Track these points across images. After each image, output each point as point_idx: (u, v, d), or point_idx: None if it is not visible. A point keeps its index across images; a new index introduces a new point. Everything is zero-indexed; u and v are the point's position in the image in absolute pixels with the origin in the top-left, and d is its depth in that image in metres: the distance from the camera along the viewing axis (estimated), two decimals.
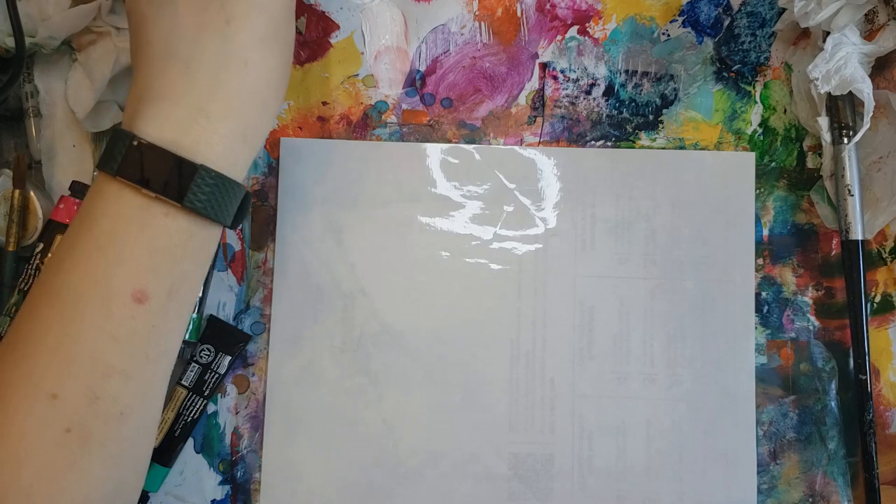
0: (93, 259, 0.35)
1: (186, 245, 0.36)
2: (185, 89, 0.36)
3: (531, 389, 0.46)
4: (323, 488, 0.46)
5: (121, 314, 0.35)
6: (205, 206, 0.35)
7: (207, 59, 0.36)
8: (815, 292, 0.47)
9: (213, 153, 0.36)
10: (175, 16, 0.36)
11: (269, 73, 0.37)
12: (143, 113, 0.36)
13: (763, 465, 0.46)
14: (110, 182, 0.35)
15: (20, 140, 0.48)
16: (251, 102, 0.37)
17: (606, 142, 0.48)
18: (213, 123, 0.36)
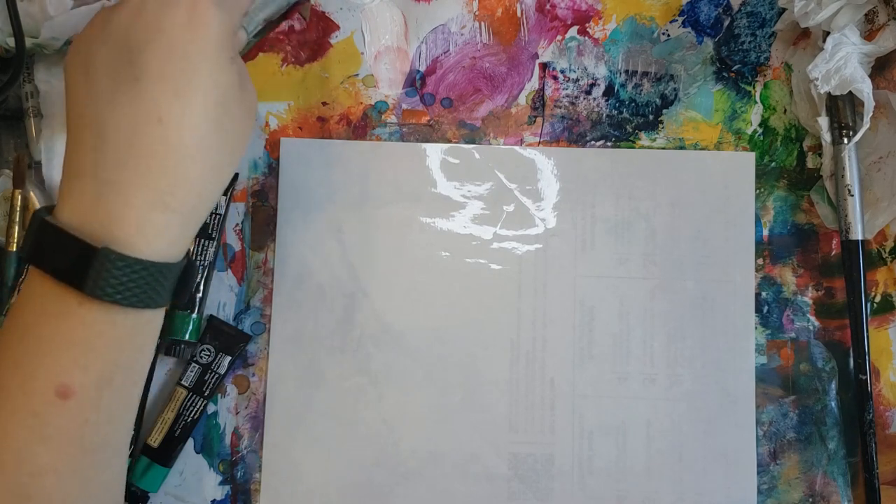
0: (16, 351, 0.33)
1: (108, 334, 0.33)
2: (94, 160, 0.33)
3: (531, 389, 0.46)
4: (323, 488, 0.46)
5: (46, 412, 0.32)
6: (117, 293, 0.32)
7: (117, 124, 0.33)
8: (815, 292, 0.47)
9: (125, 231, 0.32)
10: (90, 80, 0.34)
11: (191, 128, 0.33)
12: (60, 192, 0.34)
13: (763, 465, 0.46)
14: (32, 271, 0.33)
15: (20, 140, 0.48)
16: (171, 163, 0.33)
17: (606, 142, 0.48)
18: (124, 196, 0.32)
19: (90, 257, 0.31)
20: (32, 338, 0.33)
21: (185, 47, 0.33)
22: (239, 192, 0.48)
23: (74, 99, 0.35)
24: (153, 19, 0.33)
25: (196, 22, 0.33)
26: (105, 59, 0.34)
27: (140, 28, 0.33)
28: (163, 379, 0.47)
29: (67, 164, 0.34)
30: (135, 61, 0.33)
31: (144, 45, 0.33)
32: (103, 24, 0.34)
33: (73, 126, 0.35)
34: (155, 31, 0.33)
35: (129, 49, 0.33)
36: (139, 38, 0.33)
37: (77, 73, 0.35)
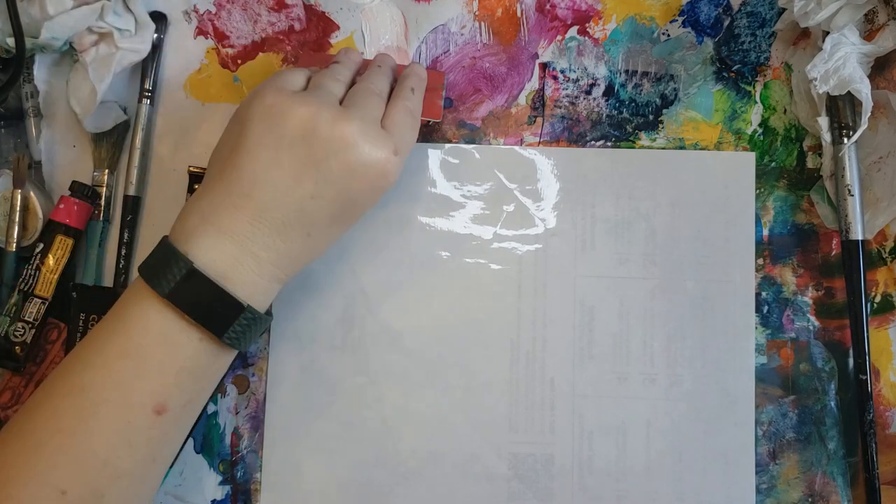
0: (121, 367, 0.36)
1: (211, 367, 0.38)
2: (248, 233, 0.37)
3: (531, 389, 0.46)
4: (323, 488, 0.46)
5: (140, 424, 0.36)
6: (237, 341, 0.38)
7: (279, 218, 0.38)
8: (815, 292, 0.47)
9: (253, 292, 0.38)
10: (274, 167, 0.37)
11: (322, 244, 0.40)
12: (201, 238, 0.37)
13: (762, 465, 0.46)
14: (153, 297, 0.36)
15: (20, 140, 0.48)
16: (296, 262, 0.39)
17: (606, 142, 0.48)
18: (260, 268, 0.38)
19: (237, 312, 0.37)
20: (143, 357, 0.36)
21: (362, 197, 0.39)
22: None
23: (249, 164, 0.38)
24: (359, 156, 0.38)
25: (386, 174, 0.39)
26: (297, 154, 0.37)
27: (342, 156, 0.38)
28: None
29: (213, 213, 0.37)
30: (319, 181, 0.38)
31: (337, 173, 0.38)
32: (311, 123, 0.37)
33: (236, 187, 0.38)
34: (351, 168, 0.38)
35: (321, 167, 0.37)
36: (336, 164, 0.37)
37: (269, 148, 0.37)
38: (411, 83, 0.43)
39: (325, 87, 0.40)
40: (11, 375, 0.46)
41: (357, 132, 0.38)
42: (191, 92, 0.48)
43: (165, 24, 0.48)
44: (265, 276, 0.38)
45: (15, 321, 0.45)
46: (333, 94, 0.40)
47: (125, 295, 0.38)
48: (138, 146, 0.47)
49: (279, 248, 0.38)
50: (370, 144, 0.38)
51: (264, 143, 0.37)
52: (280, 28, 0.48)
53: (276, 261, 0.38)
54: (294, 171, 0.37)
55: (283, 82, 0.39)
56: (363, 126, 0.38)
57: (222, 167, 0.38)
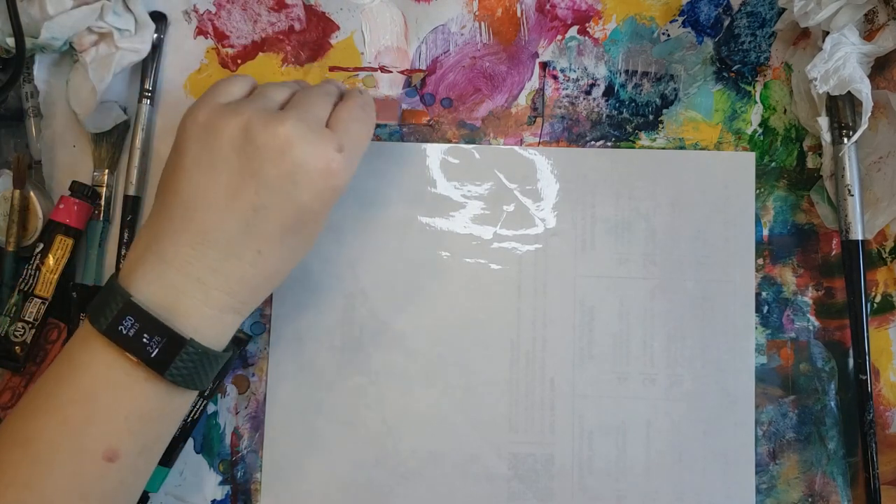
0: (69, 413, 0.34)
1: (163, 409, 0.36)
2: (191, 259, 0.35)
3: (531, 389, 0.46)
4: (323, 488, 0.46)
5: (91, 472, 0.34)
6: (185, 379, 0.35)
7: (223, 238, 0.35)
8: (815, 292, 0.47)
9: (202, 325, 0.36)
10: (211, 184, 0.36)
11: (278, 263, 0.37)
12: (142, 268, 0.35)
13: (762, 465, 0.46)
14: (96, 336, 0.35)
15: (20, 140, 0.48)
16: (252, 287, 0.37)
17: (606, 142, 0.48)
18: (209, 297, 0.36)
19: (178, 347, 0.34)
20: (90, 402, 0.34)
21: (309, 202, 0.36)
22: None
23: (187, 188, 0.36)
24: (295, 157, 0.35)
25: (329, 175, 0.36)
26: (233, 167, 0.35)
27: (278, 161, 0.35)
28: None
29: (154, 241, 0.36)
30: (261, 190, 0.35)
31: (276, 179, 0.35)
32: (244, 132, 0.35)
33: (175, 213, 0.36)
34: (291, 171, 0.35)
35: (258, 175, 0.35)
36: (274, 169, 0.35)
37: (203, 168, 0.36)
38: (359, 88, 0.41)
39: (265, 94, 0.38)
40: (11, 375, 0.46)
41: (292, 132, 0.35)
42: (191, 92, 0.48)
43: (165, 24, 0.48)
44: (214, 305, 0.36)
45: (15, 321, 0.45)
46: (274, 99, 0.38)
47: (74, 336, 0.36)
48: (138, 146, 0.47)
49: (228, 272, 0.36)
50: (308, 144, 0.35)
51: (199, 161, 0.36)
52: (280, 28, 0.48)
53: (225, 287, 0.36)
54: (232, 185, 0.35)
55: (218, 95, 0.38)
56: (298, 125, 0.35)
57: (163, 193, 0.37)
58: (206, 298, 0.36)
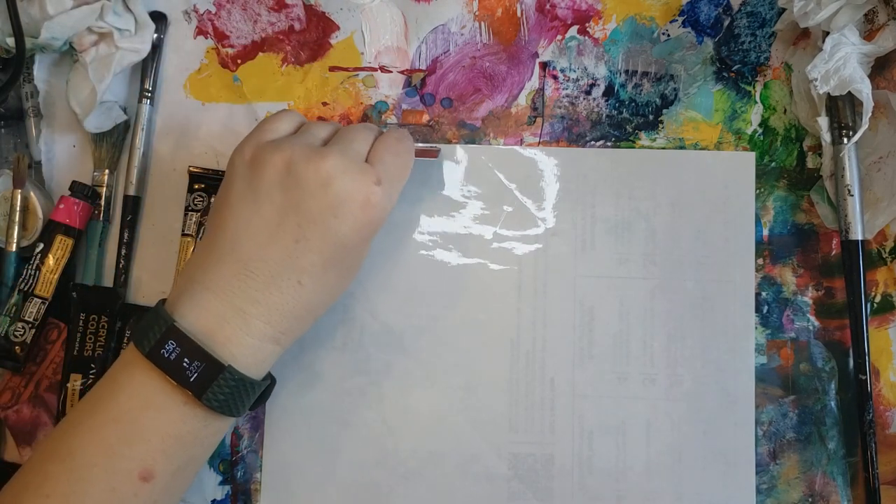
0: (108, 431, 0.36)
1: (199, 433, 0.37)
2: (234, 289, 0.37)
3: (531, 389, 0.46)
4: (323, 488, 0.46)
5: (126, 490, 0.35)
6: (221, 405, 0.36)
7: (265, 269, 0.37)
8: (815, 292, 0.47)
9: (241, 353, 0.37)
10: (254, 217, 0.37)
11: (319, 294, 0.39)
12: (187, 296, 0.37)
13: (763, 465, 0.46)
14: (139, 358, 0.36)
15: (20, 140, 0.48)
16: (292, 317, 0.38)
17: (606, 142, 0.48)
18: (249, 325, 0.37)
19: (216, 373, 0.36)
20: (128, 422, 0.36)
21: (349, 234, 0.37)
22: None
23: (231, 221, 0.37)
24: (336, 191, 0.37)
25: (369, 208, 0.38)
26: (276, 200, 0.37)
27: (320, 194, 0.37)
28: None
29: (199, 271, 0.37)
30: (303, 223, 0.37)
31: (317, 212, 0.37)
32: (286, 168, 0.37)
33: (220, 245, 0.38)
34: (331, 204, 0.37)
35: (300, 208, 0.37)
36: (315, 202, 0.37)
37: (248, 202, 0.37)
38: (397, 127, 0.42)
39: (309, 132, 0.39)
40: (11, 375, 0.46)
41: (333, 167, 0.37)
42: (191, 92, 0.48)
43: (165, 24, 0.48)
44: (255, 334, 0.37)
45: (15, 321, 0.45)
46: (316, 136, 0.39)
47: (119, 358, 0.38)
48: (138, 146, 0.47)
49: (269, 302, 0.37)
50: (348, 177, 0.37)
51: (244, 196, 0.37)
52: (280, 28, 0.48)
53: (266, 316, 0.37)
54: (275, 218, 0.37)
55: (265, 133, 0.39)
56: (340, 160, 0.37)
57: (211, 227, 0.39)
58: (247, 327, 0.37)
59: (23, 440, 0.45)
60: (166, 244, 0.48)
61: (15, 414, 0.45)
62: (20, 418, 0.45)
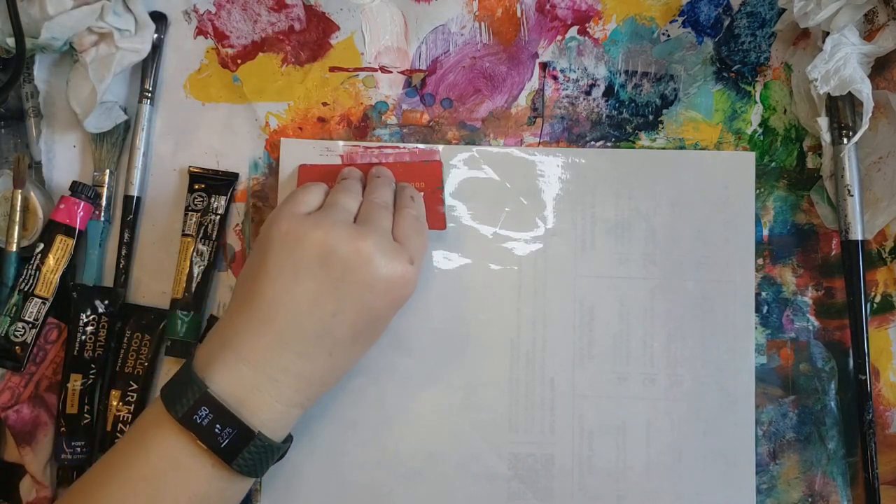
0: (138, 488, 0.37)
1: (225, 492, 0.38)
2: (267, 359, 0.38)
3: (531, 389, 0.46)
4: (323, 488, 0.46)
5: None
6: (249, 468, 0.37)
7: (300, 341, 0.38)
8: (815, 292, 0.47)
9: (270, 418, 0.38)
10: (293, 291, 0.38)
11: (345, 363, 0.41)
12: (220, 363, 0.38)
13: (763, 465, 0.46)
14: (170, 421, 0.37)
15: (20, 140, 0.48)
16: (319, 384, 0.40)
17: (606, 142, 0.48)
18: (279, 393, 0.38)
19: (247, 440, 0.37)
20: (157, 480, 0.37)
21: (383, 309, 0.40)
22: (239, 193, 0.48)
23: (269, 289, 0.39)
24: (375, 270, 0.39)
25: (404, 285, 0.40)
26: (316, 276, 0.38)
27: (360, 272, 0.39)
28: (163, 379, 0.47)
29: (234, 337, 0.38)
30: (340, 297, 0.38)
31: (355, 288, 0.39)
32: (326, 246, 0.38)
33: (256, 312, 0.39)
34: (369, 282, 0.39)
35: (339, 285, 0.38)
36: (354, 279, 0.38)
37: (286, 272, 0.38)
38: (409, 192, 0.44)
39: (340, 205, 0.41)
40: (11, 375, 0.46)
41: (373, 248, 0.39)
42: (191, 92, 0.48)
43: (165, 24, 0.48)
44: (284, 401, 0.38)
45: (15, 321, 0.45)
46: (348, 210, 0.41)
47: (147, 414, 0.39)
48: (138, 146, 0.47)
49: (300, 372, 0.39)
50: (387, 258, 0.39)
51: (283, 268, 0.38)
52: (280, 28, 0.48)
53: (296, 385, 0.39)
54: (314, 293, 0.38)
55: (298, 205, 0.41)
56: (378, 241, 0.39)
57: (245, 293, 0.39)
58: (277, 395, 0.38)
59: (23, 440, 0.45)
60: (166, 244, 0.48)
61: (15, 414, 0.45)
62: (20, 418, 0.45)
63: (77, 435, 0.45)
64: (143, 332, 0.47)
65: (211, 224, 0.47)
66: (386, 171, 0.46)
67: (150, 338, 0.47)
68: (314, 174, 0.46)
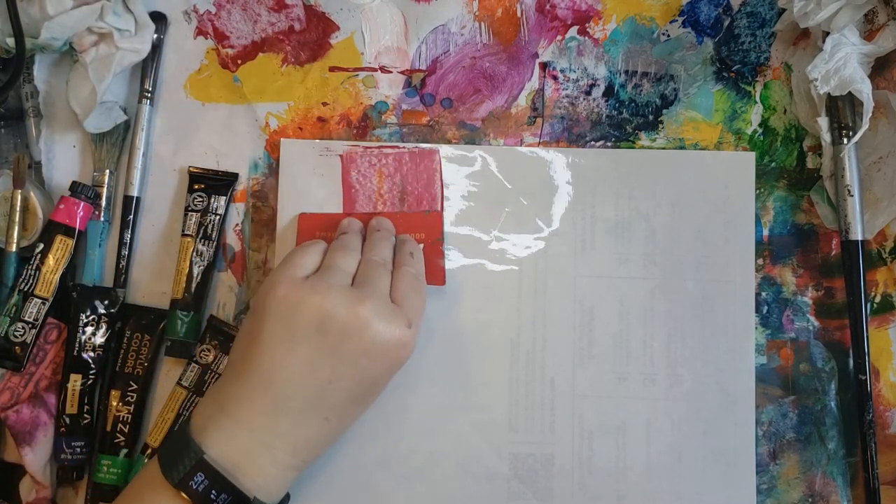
0: None
1: None
2: (263, 425, 0.38)
3: (531, 389, 0.46)
4: (323, 488, 0.46)
5: None
6: None
7: (296, 407, 0.38)
8: (815, 292, 0.47)
9: (266, 483, 0.38)
10: (290, 357, 0.38)
11: (341, 426, 0.41)
12: (216, 428, 0.38)
13: (763, 465, 0.46)
14: (165, 486, 0.37)
15: (20, 140, 0.48)
16: (315, 447, 0.40)
17: (606, 142, 0.48)
18: (275, 458, 0.38)
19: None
20: None
21: (380, 374, 0.40)
22: (239, 193, 0.48)
23: (267, 355, 0.38)
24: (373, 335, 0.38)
25: (402, 349, 0.40)
26: (313, 343, 0.38)
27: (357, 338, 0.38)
28: (162, 379, 0.47)
29: (229, 402, 0.38)
30: (336, 364, 0.38)
31: (353, 355, 0.38)
32: (323, 312, 0.38)
33: (253, 379, 0.38)
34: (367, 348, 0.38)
35: (337, 352, 0.38)
36: (352, 346, 0.38)
37: (284, 340, 0.38)
38: (409, 248, 0.44)
39: (337, 267, 0.41)
40: (11, 375, 0.46)
41: (370, 313, 0.38)
42: (191, 92, 0.48)
43: (165, 24, 0.48)
44: (280, 465, 0.38)
45: (15, 321, 0.45)
46: (345, 272, 0.41)
47: (142, 475, 0.39)
48: (138, 146, 0.47)
49: (297, 437, 0.39)
50: (385, 322, 0.39)
51: (280, 335, 0.38)
52: (280, 28, 0.48)
53: (292, 450, 0.39)
54: (311, 360, 0.38)
55: (296, 268, 0.40)
56: (375, 305, 0.39)
57: (241, 358, 0.39)
58: (273, 460, 0.38)
59: (22, 440, 0.45)
60: (166, 244, 0.48)
61: (15, 414, 0.45)
62: (20, 418, 0.45)
63: (77, 435, 0.45)
64: (143, 333, 0.47)
65: (211, 224, 0.47)
66: (386, 224, 0.46)
67: (150, 338, 0.47)
68: (314, 223, 0.46)
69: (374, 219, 0.46)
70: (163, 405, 0.46)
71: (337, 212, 0.47)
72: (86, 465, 0.46)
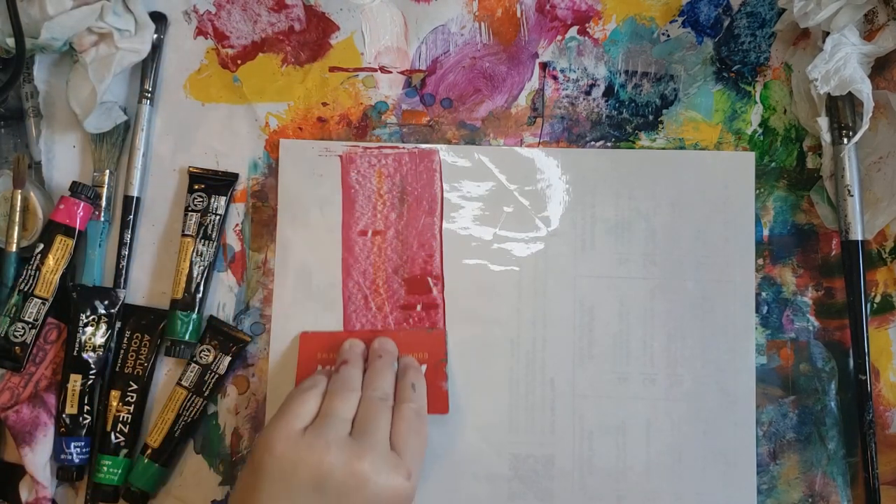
0: None
1: None
2: None
3: (531, 389, 0.46)
4: None
5: None
6: None
7: None
8: (815, 292, 0.47)
9: None
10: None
11: None
12: None
13: (763, 466, 0.46)
14: None
15: (20, 140, 0.48)
16: None
17: (606, 142, 0.48)
18: None
19: None
20: None
21: None
22: (239, 193, 0.48)
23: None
24: (372, 491, 0.38)
25: (401, 502, 0.39)
26: (311, 503, 0.37)
27: (355, 495, 0.37)
28: (162, 379, 0.47)
29: None
30: None
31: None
32: (321, 470, 0.37)
33: None
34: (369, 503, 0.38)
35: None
36: (354, 502, 0.37)
37: (278, 493, 0.38)
38: (411, 378, 0.43)
39: (335, 415, 0.40)
40: (11, 375, 0.46)
41: (369, 469, 0.38)
42: (191, 92, 0.48)
43: (165, 25, 0.48)
44: None
45: (15, 321, 0.45)
46: (344, 419, 0.40)
47: None
48: (138, 146, 0.47)
49: None
50: (384, 476, 0.38)
51: (277, 496, 0.38)
52: (280, 28, 0.48)
53: None
54: None
55: (294, 419, 0.40)
56: (374, 460, 0.38)
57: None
58: None
59: (22, 440, 0.45)
60: (166, 244, 0.48)
61: (15, 414, 0.45)
62: (20, 418, 0.45)
63: (77, 435, 0.45)
64: (143, 333, 0.47)
65: (211, 224, 0.47)
66: (388, 346, 0.45)
67: (150, 338, 0.47)
68: (315, 344, 0.46)
69: (375, 340, 0.45)
70: (163, 405, 0.46)
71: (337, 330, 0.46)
72: (86, 465, 0.46)
